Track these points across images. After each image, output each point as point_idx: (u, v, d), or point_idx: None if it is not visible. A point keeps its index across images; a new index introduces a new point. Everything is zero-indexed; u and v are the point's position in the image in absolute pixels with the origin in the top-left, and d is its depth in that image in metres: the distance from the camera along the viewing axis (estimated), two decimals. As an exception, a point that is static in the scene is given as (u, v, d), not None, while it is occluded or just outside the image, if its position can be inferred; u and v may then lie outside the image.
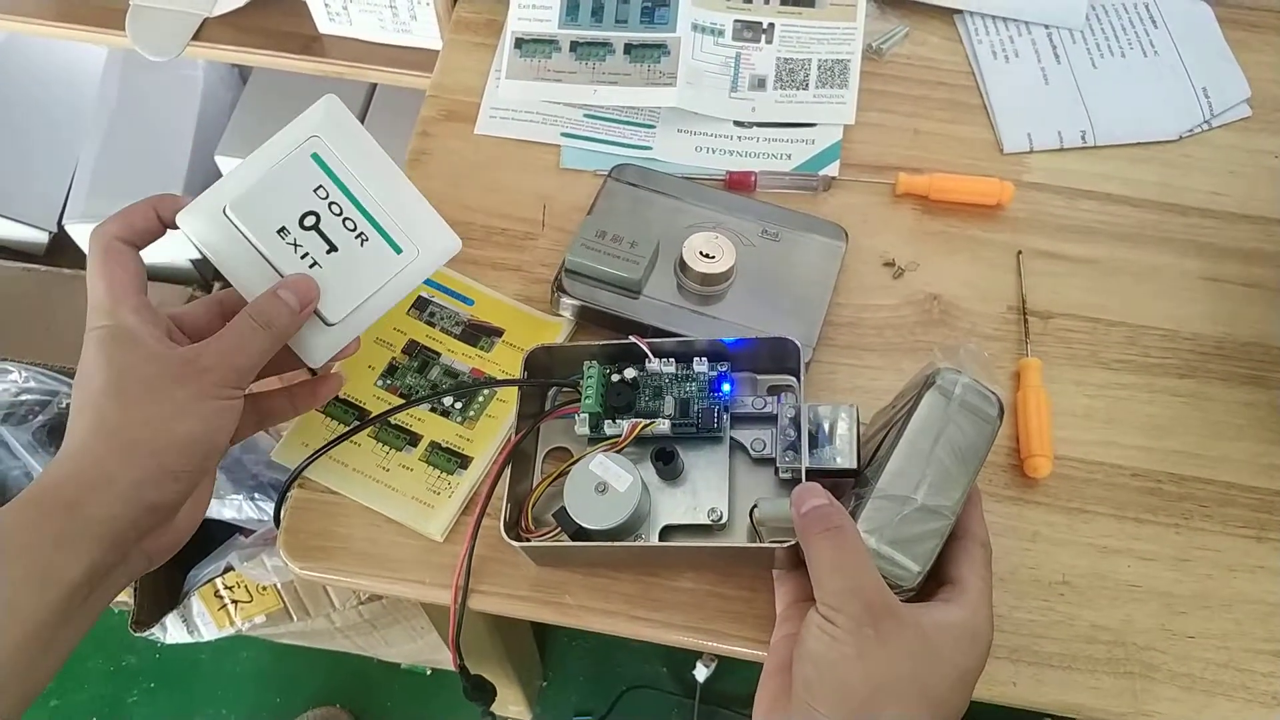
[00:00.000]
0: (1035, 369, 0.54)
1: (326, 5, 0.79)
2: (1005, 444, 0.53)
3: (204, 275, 1.14)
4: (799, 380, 0.50)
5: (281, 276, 0.45)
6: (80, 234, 1.06)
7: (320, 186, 0.46)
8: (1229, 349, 0.57)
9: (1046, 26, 0.69)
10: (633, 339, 0.50)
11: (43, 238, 1.11)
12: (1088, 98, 0.66)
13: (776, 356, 0.51)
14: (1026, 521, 0.51)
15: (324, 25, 0.81)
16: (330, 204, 0.46)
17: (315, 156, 0.46)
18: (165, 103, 1.09)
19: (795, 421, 0.47)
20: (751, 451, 0.49)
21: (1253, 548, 0.51)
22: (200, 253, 0.45)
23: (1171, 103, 0.65)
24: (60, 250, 1.11)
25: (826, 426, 0.47)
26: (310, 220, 0.46)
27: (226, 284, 0.47)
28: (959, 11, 0.69)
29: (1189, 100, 0.65)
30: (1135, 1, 0.70)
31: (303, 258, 0.45)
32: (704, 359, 0.50)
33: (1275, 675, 0.47)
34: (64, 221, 1.06)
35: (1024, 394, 0.53)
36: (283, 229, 0.45)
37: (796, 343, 0.49)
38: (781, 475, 0.49)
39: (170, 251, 1.09)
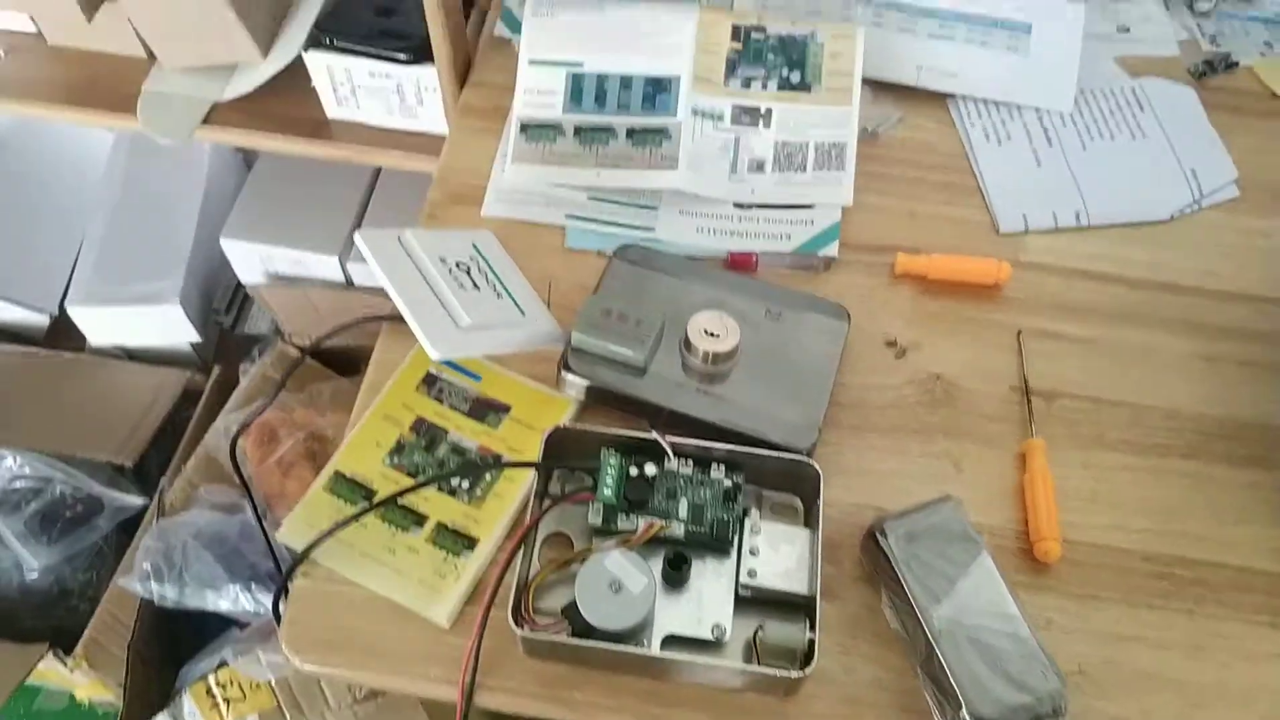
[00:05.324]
0: (1040, 450, 0.54)
1: (335, 90, 0.81)
2: (1014, 528, 0.53)
3: (202, 358, 1.13)
4: (816, 505, 0.49)
5: (437, 294, 0.54)
6: (82, 316, 1.06)
7: (474, 256, 0.59)
8: (1230, 429, 0.57)
9: (1037, 110, 0.71)
10: (655, 435, 0.49)
11: (43, 320, 1.10)
12: (1080, 179, 0.67)
13: (791, 476, 0.51)
14: (1038, 609, 0.50)
15: (332, 110, 0.83)
16: (479, 266, 0.58)
17: (474, 245, 0.60)
18: (170, 186, 1.10)
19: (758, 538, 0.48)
20: (745, 577, 0.48)
21: (1269, 634, 0.50)
22: (373, 268, 0.53)
23: (1162, 183, 0.67)
24: (61, 333, 1.10)
25: (781, 546, 0.47)
26: (464, 266, 0.57)
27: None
28: (951, 96, 0.71)
29: (1178, 181, 0.67)
30: (1122, 86, 0.72)
31: (455, 279, 0.55)
32: (721, 466, 0.50)
33: (1301, 766, 0.46)
34: (66, 304, 1.05)
35: (1030, 476, 0.53)
36: (443, 259, 0.56)
37: (817, 468, 0.49)
38: (741, 594, 0.48)
39: (169, 335, 1.09)
